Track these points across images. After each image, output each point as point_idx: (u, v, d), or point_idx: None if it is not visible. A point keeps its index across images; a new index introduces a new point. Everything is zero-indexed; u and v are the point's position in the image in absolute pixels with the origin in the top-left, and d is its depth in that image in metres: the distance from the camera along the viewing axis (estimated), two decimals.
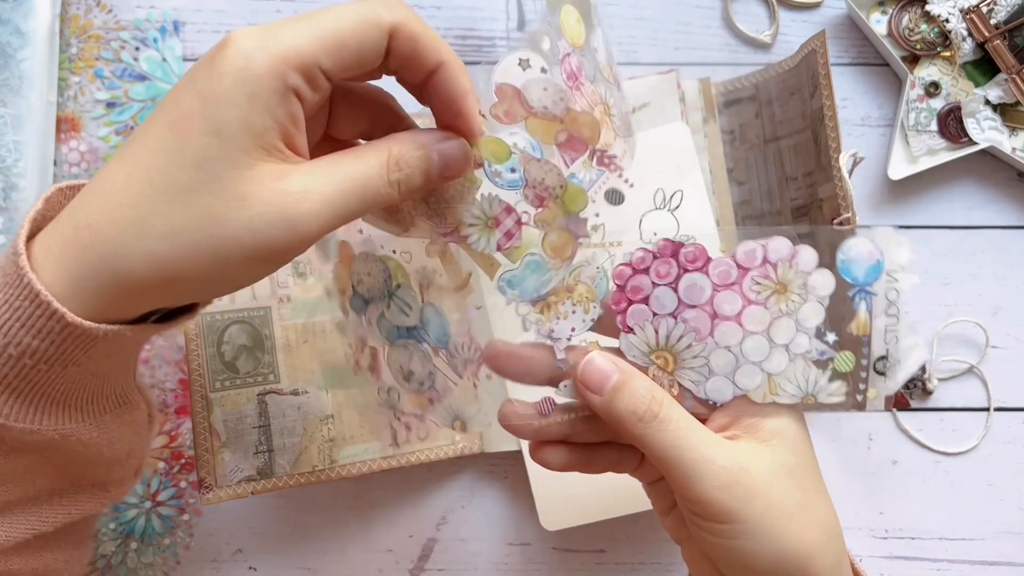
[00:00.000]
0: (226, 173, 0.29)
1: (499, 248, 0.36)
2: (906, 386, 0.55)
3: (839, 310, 0.35)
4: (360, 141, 0.36)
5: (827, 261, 0.35)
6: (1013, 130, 0.54)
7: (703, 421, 0.35)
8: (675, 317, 0.35)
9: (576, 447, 0.38)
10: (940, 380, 0.55)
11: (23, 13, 0.52)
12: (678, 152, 0.50)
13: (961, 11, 0.53)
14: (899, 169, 0.54)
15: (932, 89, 0.54)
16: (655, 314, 0.35)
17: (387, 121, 0.36)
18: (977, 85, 0.54)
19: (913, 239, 0.56)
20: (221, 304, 0.49)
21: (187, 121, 0.29)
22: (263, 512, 0.54)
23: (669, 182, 0.50)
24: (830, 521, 0.35)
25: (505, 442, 0.52)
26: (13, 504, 0.35)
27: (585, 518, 0.50)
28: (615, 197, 0.41)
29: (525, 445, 0.51)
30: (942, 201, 0.56)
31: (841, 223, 0.47)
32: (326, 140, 0.35)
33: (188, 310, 0.34)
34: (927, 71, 0.55)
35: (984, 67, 0.54)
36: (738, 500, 0.33)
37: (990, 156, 0.56)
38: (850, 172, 0.47)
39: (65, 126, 0.54)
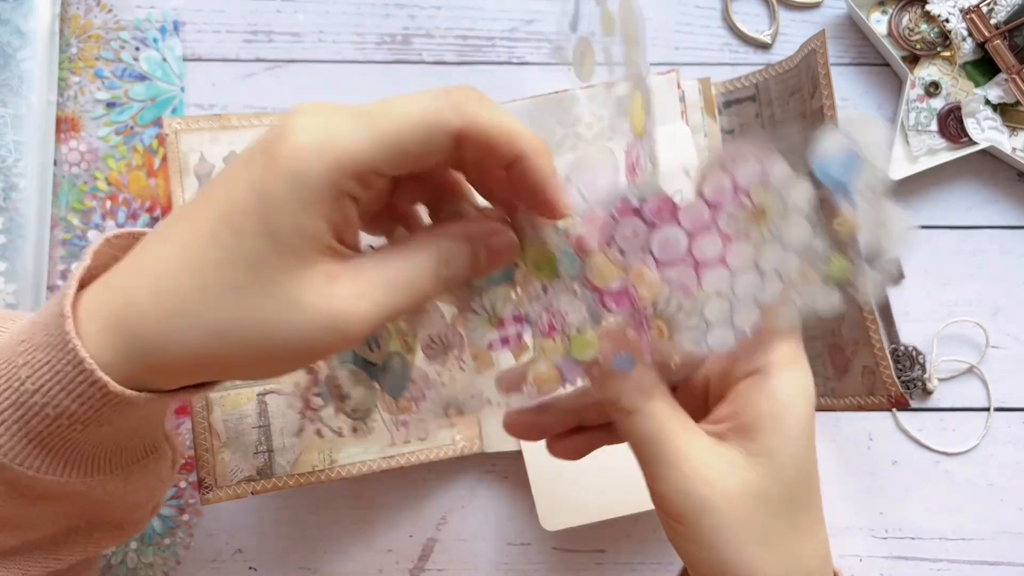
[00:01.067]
0: (279, 277, 0.28)
1: (490, 347, 0.34)
2: (906, 386, 0.55)
3: (824, 215, 0.32)
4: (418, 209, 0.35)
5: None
6: (1013, 130, 0.54)
7: (701, 406, 0.35)
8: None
9: (591, 429, 0.38)
10: (940, 380, 0.55)
11: (23, 13, 0.52)
12: (679, 152, 0.50)
13: (961, 11, 0.53)
14: (899, 169, 0.54)
15: (932, 89, 0.54)
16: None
17: (449, 193, 0.34)
18: (977, 85, 0.54)
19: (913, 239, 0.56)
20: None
21: (243, 218, 0.28)
22: (263, 512, 0.54)
23: (670, 182, 0.50)
24: (806, 562, 0.33)
25: (505, 442, 0.52)
26: (32, 545, 0.35)
27: (585, 518, 0.50)
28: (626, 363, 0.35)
29: (525, 446, 0.51)
30: (942, 201, 0.56)
31: (841, 223, 0.47)
32: (387, 209, 0.34)
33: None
34: (927, 71, 0.55)
35: (984, 67, 0.54)
36: (691, 509, 0.32)
37: (990, 156, 0.56)
38: None
39: (65, 126, 0.54)
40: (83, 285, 0.31)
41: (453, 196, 0.34)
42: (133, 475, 0.35)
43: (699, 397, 0.36)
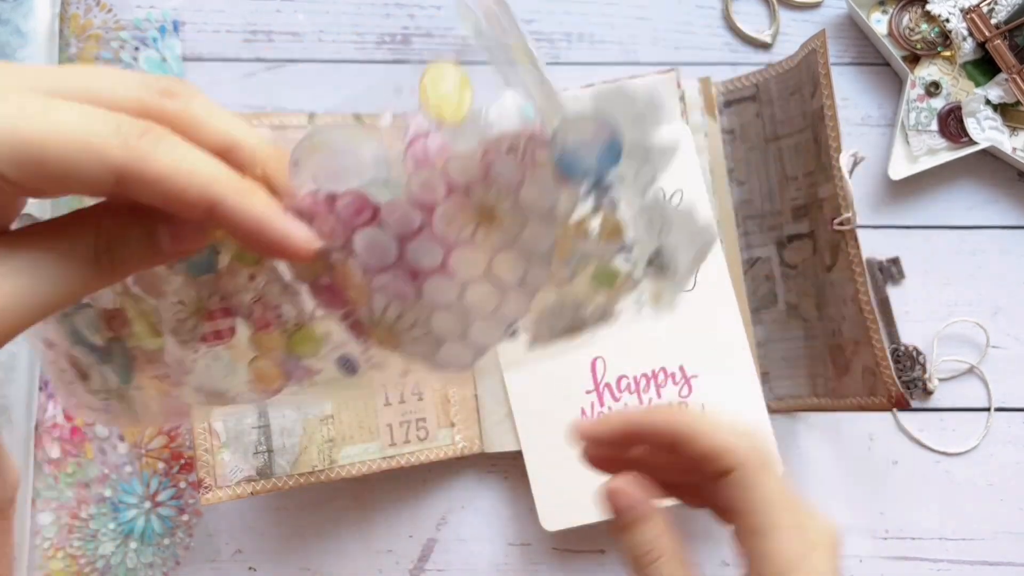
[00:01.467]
0: None
1: (203, 340, 0.29)
2: (907, 386, 0.55)
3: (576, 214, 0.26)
4: None
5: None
6: (1013, 130, 0.54)
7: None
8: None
9: (668, 487, 0.37)
10: (940, 380, 0.55)
11: (23, 13, 0.52)
12: (678, 152, 0.50)
13: (961, 11, 0.53)
14: (899, 169, 0.54)
15: (932, 89, 0.54)
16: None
17: None
18: (977, 85, 0.54)
19: (914, 239, 0.56)
20: None
21: None
22: (263, 512, 0.54)
23: (669, 181, 0.50)
24: None
25: (505, 442, 0.52)
26: None
27: (585, 518, 0.50)
28: (348, 366, 0.30)
29: (525, 446, 0.51)
30: (942, 201, 0.56)
31: (841, 223, 0.47)
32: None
33: None
34: (927, 71, 0.55)
35: (984, 67, 0.54)
36: None
37: (990, 156, 0.56)
38: (850, 172, 0.47)
39: None
40: None
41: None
42: None
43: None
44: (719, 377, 0.48)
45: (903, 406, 0.46)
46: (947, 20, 0.53)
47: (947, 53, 0.54)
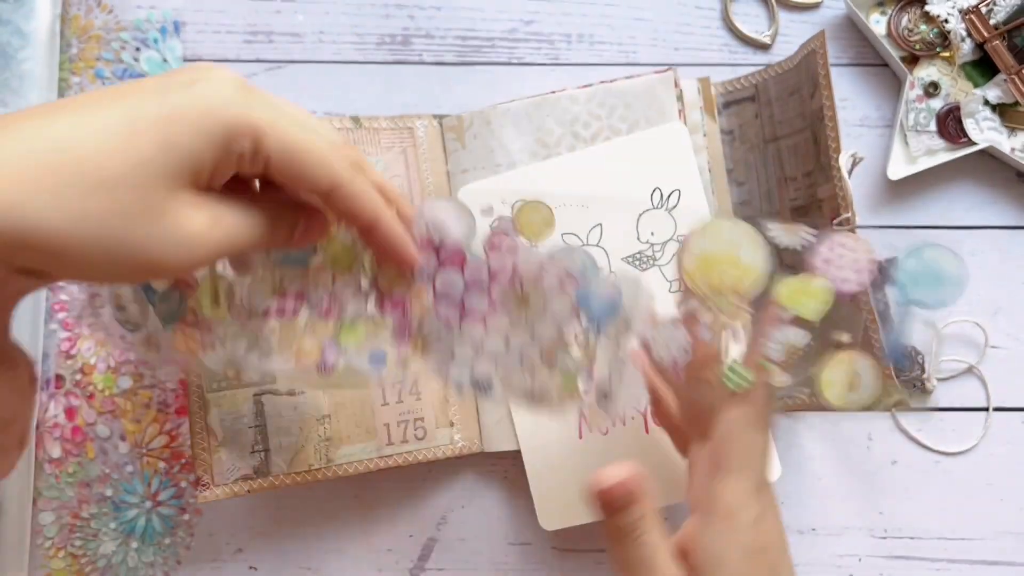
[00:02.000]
0: (160, 187, 0.31)
1: (265, 314, 0.39)
2: (905, 386, 0.55)
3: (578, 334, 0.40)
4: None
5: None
6: (1012, 130, 0.54)
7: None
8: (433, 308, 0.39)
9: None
10: (939, 380, 0.55)
11: (24, 14, 0.52)
12: (675, 151, 0.51)
13: (960, 11, 0.54)
14: (898, 169, 0.54)
15: (931, 89, 0.54)
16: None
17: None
18: (976, 85, 0.54)
19: (912, 239, 0.56)
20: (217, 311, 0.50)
21: (144, 123, 0.31)
22: (264, 512, 0.54)
23: (666, 181, 0.50)
24: None
25: (505, 442, 0.52)
26: None
27: (584, 517, 0.50)
28: (377, 359, 0.41)
29: (524, 445, 0.51)
30: (941, 201, 0.56)
31: (840, 223, 0.47)
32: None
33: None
34: (926, 71, 0.55)
35: (983, 67, 0.54)
36: None
37: (989, 156, 0.56)
38: (849, 172, 0.47)
39: None
40: None
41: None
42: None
43: None
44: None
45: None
46: (946, 21, 0.54)
47: (946, 54, 0.55)
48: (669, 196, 0.50)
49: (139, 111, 0.31)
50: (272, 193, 0.36)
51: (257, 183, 0.36)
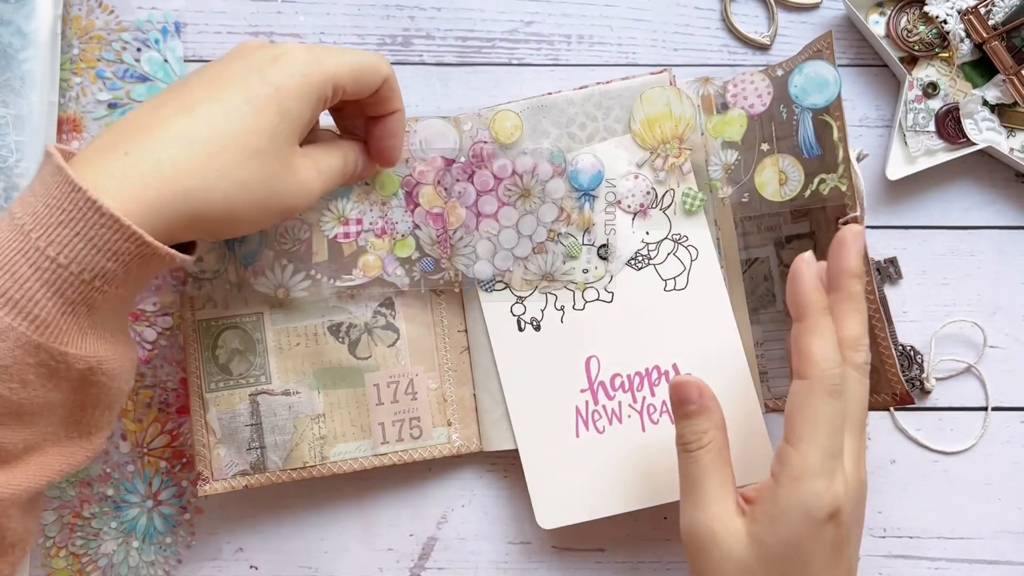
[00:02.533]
0: (285, 147, 0.40)
1: (335, 239, 0.50)
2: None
3: (572, 208, 0.50)
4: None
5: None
6: (1011, 131, 0.54)
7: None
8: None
9: None
10: (938, 380, 0.55)
11: (25, 14, 0.52)
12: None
13: (959, 12, 0.54)
14: (897, 169, 0.54)
15: (930, 90, 0.55)
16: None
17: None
18: (975, 86, 0.54)
19: (911, 239, 0.56)
20: (215, 310, 0.51)
21: (263, 102, 0.39)
22: (264, 511, 0.54)
23: (661, 181, 0.51)
24: None
25: (503, 441, 0.52)
26: (33, 448, 0.38)
27: (581, 516, 0.50)
28: (430, 265, 0.52)
29: (522, 444, 0.51)
30: (940, 201, 0.56)
31: (847, 222, 0.47)
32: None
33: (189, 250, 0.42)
34: (925, 72, 0.55)
35: (982, 68, 0.54)
36: (697, 548, 0.41)
37: (988, 157, 0.56)
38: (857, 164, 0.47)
39: (67, 127, 0.54)
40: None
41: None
42: (122, 355, 0.40)
43: None
44: (712, 376, 0.48)
45: (907, 403, 0.46)
46: (945, 21, 0.54)
47: (945, 54, 0.55)
48: (663, 196, 0.51)
49: (252, 92, 0.39)
50: (331, 137, 0.47)
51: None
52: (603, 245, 0.50)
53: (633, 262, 0.51)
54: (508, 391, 0.51)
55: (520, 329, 0.51)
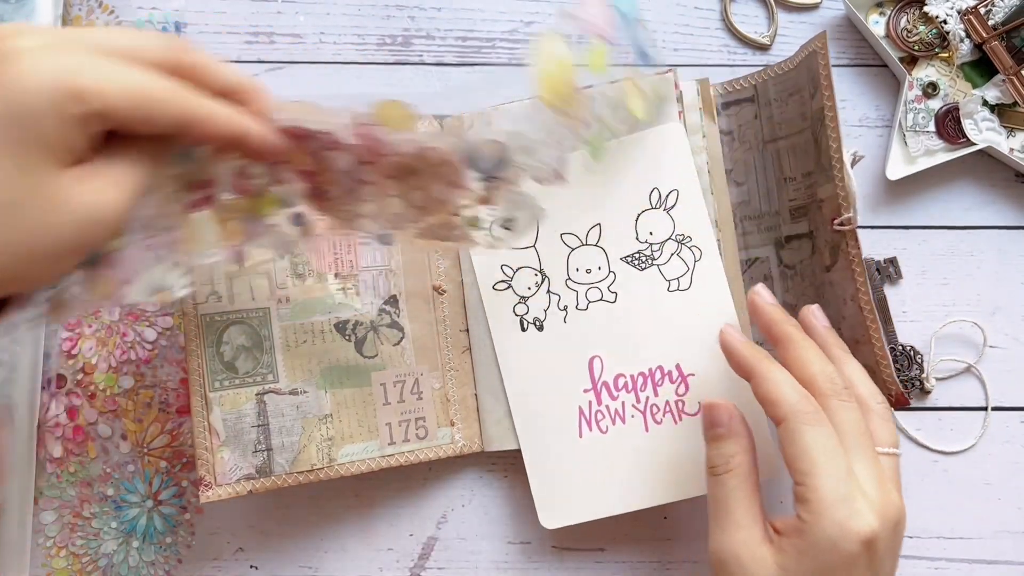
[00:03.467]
0: (43, 182, 0.31)
1: (190, 207, 0.40)
2: (904, 386, 0.55)
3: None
4: None
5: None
6: (1011, 131, 0.54)
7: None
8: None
9: None
10: (938, 380, 0.55)
11: (25, 14, 0.52)
12: (673, 151, 0.51)
13: (959, 12, 0.54)
14: (897, 170, 0.54)
15: (930, 90, 0.55)
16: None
17: None
18: (975, 86, 0.54)
19: (911, 239, 0.56)
20: (220, 305, 0.50)
21: (4, 131, 0.30)
22: (264, 511, 0.54)
23: (664, 181, 0.51)
24: None
25: (505, 441, 0.52)
26: None
27: (584, 516, 0.50)
28: (300, 221, 0.44)
29: (524, 444, 0.51)
30: (940, 201, 0.57)
31: (842, 223, 0.47)
32: None
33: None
34: (925, 72, 0.55)
35: (982, 68, 0.54)
36: (722, 571, 0.41)
37: (988, 157, 0.56)
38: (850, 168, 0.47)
39: None
40: None
41: None
42: None
43: None
44: (715, 376, 0.49)
45: (903, 404, 0.46)
46: (945, 21, 0.54)
47: (945, 54, 0.55)
48: (667, 196, 0.50)
49: None
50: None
51: None
52: (508, 219, 0.46)
53: (636, 262, 0.51)
54: (510, 391, 0.51)
55: (523, 329, 0.51)
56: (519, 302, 0.51)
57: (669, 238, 0.51)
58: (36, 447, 0.53)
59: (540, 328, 0.51)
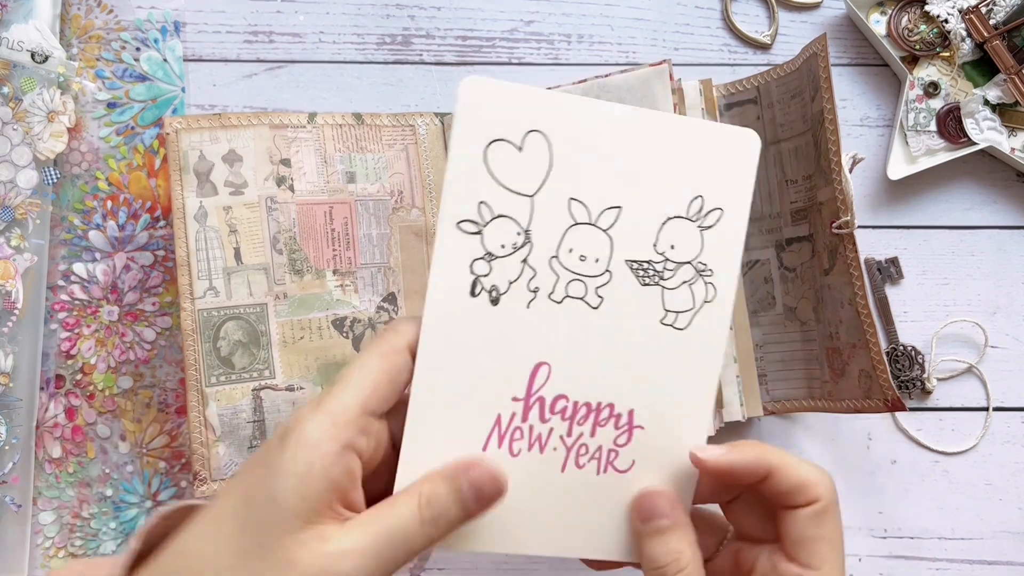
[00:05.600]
0: (280, 540, 0.32)
1: None
2: (905, 386, 0.55)
3: None
4: None
5: None
6: (1012, 130, 0.54)
7: None
8: None
9: None
10: (939, 380, 0.55)
11: (24, 13, 0.52)
12: (739, 163, 0.40)
13: (960, 12, 0.54)
14: (898, 169, 0.54)
15: (931, 89, 0.54)
16: None
17: None
18: (976, 85, 0.54)
19: (912, 239, 0.56)
20: (217, 300, 0.49)
21: (253, 490, 0.32)
22: None
23: (713, 193, 0.40)
24: None
25: None
26: None
27: (470, 544, 0.41)
28: None
29: (412, 436, 0.44)
30: (941, 201, 0.56)
31: (840, 227, 0.47)
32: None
33: None
34: (926, 71, 0.55)
35: (983, 67, 0.54)
36: None
37: (989, 156, 0.56)
38: (849, 172, 0.47)
39: None
40: (143, 557, 0.34)
41: None
42: None
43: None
44: (665, 442, 0.40)
45: (898, 409, 0.46)
46: (946, 21, 0.54)
47: (946, 54, 0.55)
48: (709, 212, 0.40)
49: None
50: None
51: None
52: None
53: (642, 273, 0.40)
54: (423, 362, 0.38)
55: (473, 294, 0.39)
56: (482, 257, 0.38)
57: (690, 261, 0.40)
58: (35, 447, 0.53)
59: (495, 301, 0.39)
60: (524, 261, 0.39)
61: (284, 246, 0.51)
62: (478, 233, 0.38)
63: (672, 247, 0.40)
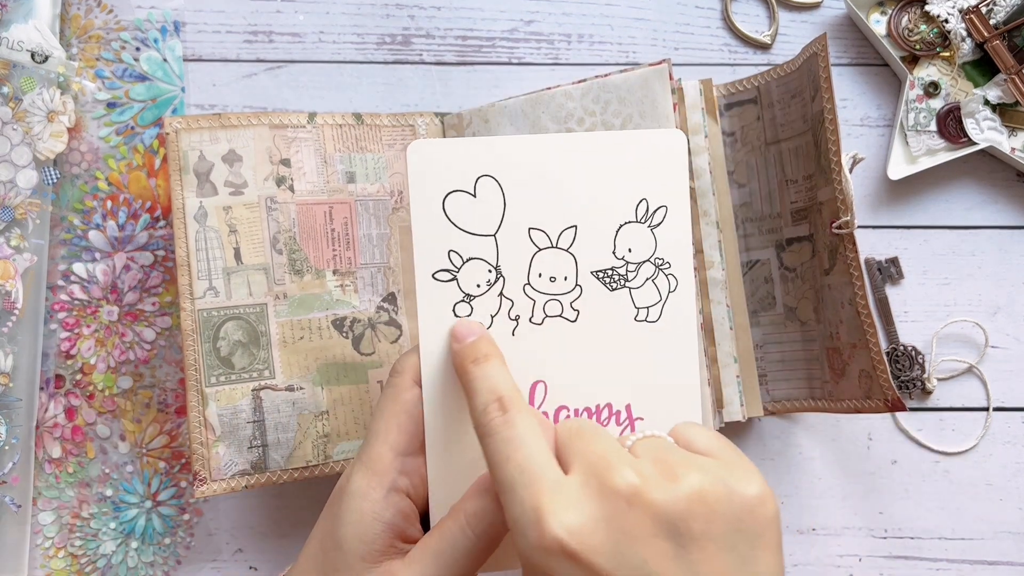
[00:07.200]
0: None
1: None
2: (905, 386, 0.55)
3: None
4: None
5: None
6: (1012, 130, 0.54)
7: None
8: None
9: None
10: (939, 380, 0.55)
11: (24, 12, 0.52)
12: (670, 162, 0.43)
13: (960, 11, 0.54)
14: (898, 169, 0.54)
15: (931, 89, 0.54)
16: None
17: None
18: (976, 85, 0.54)
19: (912, 239, 0.56)
20: (217, 300, 0.49)
21: (326, 539, 0.38)
22: (264, 512, 0.54)
23: (655, 194, 0.43)
24: None
25: None
26: None
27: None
28: None
29: (435, 464, 0.45)
30: (941, 201, 0.56)
31: (840, 227, 0.47)
32: None
33: None
34: (926, 71, 0.55)
35: (983, 67, 0.54)
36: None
37: (989, 156, 0.56)
38: (849, 172, 0.47)
39: None
40: None
41: None
42: None
43: None
44: (666, 424, 0.39)
45: (899, 409, 0.46)
46: (946, 21, 0.54)
47: (946, 54, 0.55)
48: (655, 212, 0.43)
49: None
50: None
51: None
52: None
53: (608, 280, 0.43)
54: (428, 405, 0.42)
55: (456, 314, 0.42)
56: (462, 300, 0.42)
57: (648, 260, 0.43)
58: (35, 448, 0.53)
59: None
60: (500, 294, 0.42)
61: (284, 246, 0.51)
62: (453, 279, 0.42)
63: (630, 250, 0.43)
